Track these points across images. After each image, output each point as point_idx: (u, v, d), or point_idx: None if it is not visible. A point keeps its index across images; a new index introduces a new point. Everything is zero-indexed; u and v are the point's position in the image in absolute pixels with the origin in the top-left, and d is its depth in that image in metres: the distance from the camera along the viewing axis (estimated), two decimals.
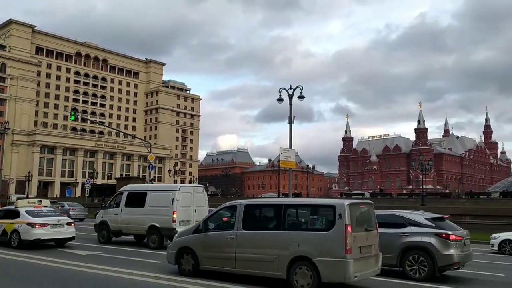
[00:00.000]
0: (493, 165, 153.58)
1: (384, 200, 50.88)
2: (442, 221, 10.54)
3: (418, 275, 9.78)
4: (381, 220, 10.11)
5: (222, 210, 9.77)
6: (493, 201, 45.51)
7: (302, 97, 23.92)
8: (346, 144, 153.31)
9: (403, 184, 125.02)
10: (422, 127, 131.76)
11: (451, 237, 9.85)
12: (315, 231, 8.29)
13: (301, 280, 7.98)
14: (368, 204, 9.09)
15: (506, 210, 34.65)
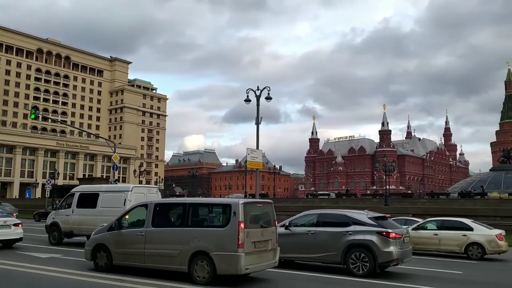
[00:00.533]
0: (453, 166, 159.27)
1: (349, 201, 51.79)
2: (384, 220, 11.10)
3: (360, 271, 10.22)
4: (327, 219, 11.29)
5: (135, 208, 10.34)
6: (452, 201, 47.11)
7: (269, 98, 23.98)
8: (313, 145, 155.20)
9: (368, 185, 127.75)
10: (386, 129, 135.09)
11: (391, 235, 10.30)
12: (214, 228, 9.12)
13: (200, 272, 8.71)
14: (266, 203, 10.02)
15: (464, 210, 35.92)
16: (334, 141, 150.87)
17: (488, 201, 44.65)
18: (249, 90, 24.16)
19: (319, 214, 11.76)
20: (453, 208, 37.77)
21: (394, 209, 38.29)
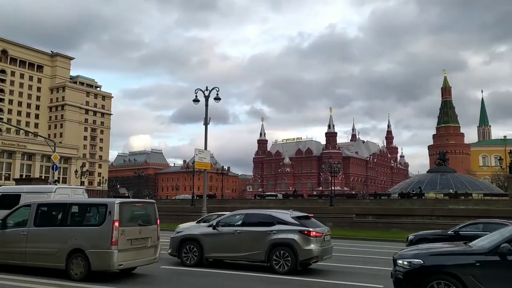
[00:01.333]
0: (394, 168, 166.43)
1: (295, 201, 52.65)
2: (307, 219, 11.63)
3: (282, 269, 10.65)
4: (254, 219, 11.70)
5: (20, 209, 10.71)
6: (392, 201, 49.25)
7: (218, 99, 23.86)
8: (261, 146, 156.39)
9: (314, 186, 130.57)
10: (332, 131, 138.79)
11: (312, 233, 10.84)
12: (90, 226, 9.63)
13: (76, 269, 9.18)
14: (147, 203, 10.72)
15: (403, 209, 37.61)
16: (282, 142, 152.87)
17: (425, 201, 47.14)
18: (198, 90, 23.92)
19: (246, 214, 12.07)
20: (393, 208, 39.45)
21: (339, 209, 39.41)
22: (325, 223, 13.28)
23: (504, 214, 32.22)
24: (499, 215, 32.94)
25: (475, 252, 7.33)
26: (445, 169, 71.21)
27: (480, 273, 6.97)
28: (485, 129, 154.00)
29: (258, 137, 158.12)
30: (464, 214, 34.38)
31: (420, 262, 7.38)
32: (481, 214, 33.87)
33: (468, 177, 73.56)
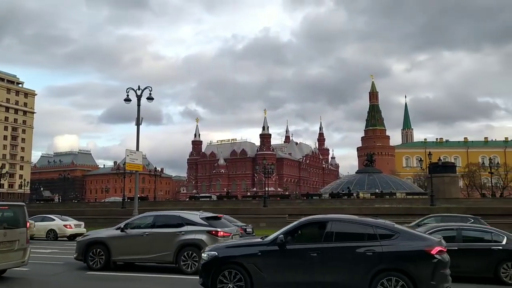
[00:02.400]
0: (325, 169, 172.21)
1: (229, 203, 52.59)
2: (216, 220, 12.04)
3: (190, 269, 10.95)
4: (163, 220, 11.81)
5: None
6: (323, 201, 50.81)
7: (151, 99, 23.30)
8: (196, 147, 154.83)
9: (248, 187, 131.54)
10: (266, 133, 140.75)
11: (219, 233, 11.23)
12: None
13: None
14: (14, 206, 10.85)
15: (334, 209, 38.90)
16: (217, 143, 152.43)
17: (354, 200, 49.16)
18: (130, 89, 23.23)
19: (155, 216, 12.18)
20: (324, 208, 40.69)
21: (273, 210, 39.98)
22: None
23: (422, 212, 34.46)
24: (419, 212, 35.23)
25: (260, 243, 8.26)
26: (372, 170, 74.83)
27: (260, 261, 7.96)
28: (408, 132, 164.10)
29: (193, 138, 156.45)
30: (389, 212, 36.34)
31: (215, 254, 8.22)
32: (404, 212, 36.08)
33: (392, 178, 77.89)
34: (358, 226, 8.08)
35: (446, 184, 46.35)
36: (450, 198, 43.61)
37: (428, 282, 7.39)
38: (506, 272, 10.94)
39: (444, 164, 49.58)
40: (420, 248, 7.55)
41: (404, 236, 7.75)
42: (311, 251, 7.82)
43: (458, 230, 11.92)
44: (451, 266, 11.30)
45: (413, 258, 7.49)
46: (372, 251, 7.57)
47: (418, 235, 8.02)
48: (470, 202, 43.79)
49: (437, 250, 7.59)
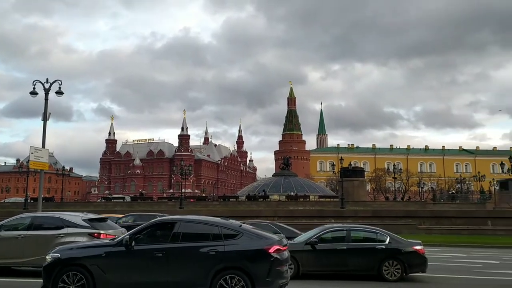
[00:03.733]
0: (243, 171, 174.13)
1: (144, 204, 51.07)
2: (101, 222, 11.89)
3: None
4: (42, 222, 11.45)
5: None
6: (240, 203, 51.27)
7: (60, 93, 21.83)
8: (110, 146, 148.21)
9: (165, 188, 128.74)
10: (185, 134, 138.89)
11: (102, 236, 11.05)
12: None
13: None
14: None
15: (250, 211, 39.45)
16: (133, 143, 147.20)
17: (269, 203, 50.20)
18: (37, 82, 21.60)
19: (33, 217, 11.74)
20: (240, 210, 41.10)
21: (188, 212, 39.43)
22: None
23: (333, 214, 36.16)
24: (330, 214, 36.95)
25: (107, 245, 8.43)
26: (288, 173, 77.05)
27: (105, 262, 8.02)
28: (322, 137, 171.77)
29: (107, 137, 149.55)
30: (303, 214, 37.71)
31: (57, 256, 8.21)
32: (317, 214, 37.64)
33: (307, 181, 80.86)
34: (204, 227, 8.36)
35: (355, 187, 49.14)
36: (358, 201, 46.30)
37: (264, 279, 7.81)
38: (387, 269, 11.95)
39: (354, 168, 52.51)
40: (260, 247, 8.00)
41: (248, 235, 8.15)
42: (156, 251, 7.97)
43: (348, 231, 12.86)
44: (341, 265, 12.26)
45: (252, 257, 7.94)
46: (215, 250, 7.93)
47: (261, 234, 8.36)
48: (375, 205, 46.95)
49: (275, 249, 8.01)
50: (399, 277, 11.90)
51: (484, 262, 17.01)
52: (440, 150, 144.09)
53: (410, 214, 36.11)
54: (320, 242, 12.47)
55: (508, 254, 20.10)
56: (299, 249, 12.22)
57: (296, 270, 11.93)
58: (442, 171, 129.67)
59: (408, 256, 12.17)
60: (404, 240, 12.88)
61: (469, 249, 22.75)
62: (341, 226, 13.81)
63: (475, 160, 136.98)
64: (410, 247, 12.37)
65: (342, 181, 44.24)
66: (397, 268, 11.96)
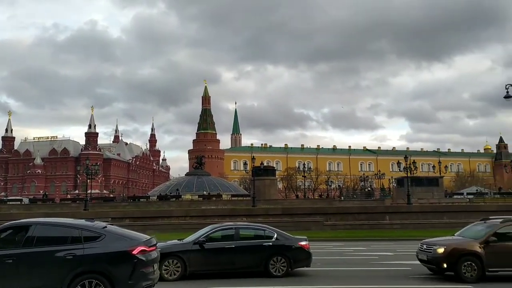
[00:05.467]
0: (156, 170, 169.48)
1: (44, 206, 47.41)
2: None
3: None
4: None
5: None
6: (151, 204, 49.75)
7: None
8: (7, 144, 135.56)
9: (70, 189, 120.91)
10: (93, 131, 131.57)
11: None
12: None
13: None
14: None
15: (161, 211, 38.41)
16: (33, 141, 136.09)
17: (182, 202, 49.37)
18: None
19: None
20: (151, 210, 39.89)
21: (94, 214, 37.25)
22: None
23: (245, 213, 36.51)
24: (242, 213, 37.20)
25: None
26: (202, 172, 76.53)
27: None
28: (237, 137, 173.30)
29: (3, 134, 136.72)
30: (215, 213, 37.53)
31: None
32: (229, 213, 37.62)
33: (220, 180, 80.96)
34: (63, 230, 8.02)
35: (266, 186, 50.14)
36: (269, 199, 47.29)
37: (126, 282, 7.63)
38: (274, 265, 12.38)
39: (266, 168, 53.64)
40: (122, 248, 7.81)
41: (111, 237, 7.92)
42: (6, 257, 7.54)
43: (236, 229, 13.05)
44: (229, 263, 12.33)
45: (114, 259, 7.73)
46: (73, 254, 7.63)
47: (127, 235, 8.21)
48: (286, 203, 48.33)
49: (139, 250, 7.85)
50: (285, 272, 12.34)
51: (380, 254, 18.14)
52: (347, 150, 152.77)
53: (318, 211, 37.57)
54: (208, 241, 12.45)
55: (402, 246, 21.67)
56: (187, 249, 12.14)
57: (183, 270, 11.83)
58: (349, 169, 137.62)
59: (294, 252, 12.66)
60: (291, 236, 13.35)
61: (369, 243, 24.22)
62: (230, 224, 13.91)
63: (377, 160, 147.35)
64: (296, 243, 12.85)
65: (254, 180, 44.85)
66: (283, 263, 12.40)
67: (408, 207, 38.16)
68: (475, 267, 11.43)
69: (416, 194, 45.40)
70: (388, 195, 68.98)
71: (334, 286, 11.47)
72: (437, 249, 11.88)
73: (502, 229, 11.99)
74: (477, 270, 11.43)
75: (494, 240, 11.65)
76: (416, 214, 35.32)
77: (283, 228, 30.15)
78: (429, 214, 35.21)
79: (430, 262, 12.19)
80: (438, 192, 49.58)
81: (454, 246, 11.88)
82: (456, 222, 26.56)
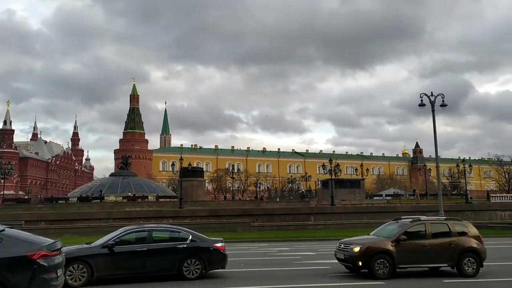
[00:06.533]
0: (78, 171, 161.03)
1: None
2: None
3: None
4: None
5: None
6: (70, 206, 47.06)
7: None
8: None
9: None
10: (8, 128, 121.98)
11: None
12: None
13: None
14: None
15: (81, 213, 36.44)
16: None
17: (104, 204, 47.24)
18: None
19: None
20: (70, 213, 37.68)
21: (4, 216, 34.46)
22: None
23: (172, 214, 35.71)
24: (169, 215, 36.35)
25: None
26: (127, 173, 73.84)
27: None
28: (166, 137, 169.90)
29: None
30: (139, 215, 36.33)
31: None
32: (154, 214, 36.61)
33: (147, 181, 78.70)
34: None
35: (194, 187, 49.56)
36: (197, 200, 46.76)
37: None
38: (187, 268, 12.12)
39: (194, 169, 53.05)
40: (21, 253, 7.36)
41: (9, 241, 7.44)
42: None
43: (150, 231, 12.60)
44: (140, 267, 11.90)
45: (11, 265, 7.24)
46: None
47: (27, 239, 7.77)
48: (213, 204, 48.05)
49: (40, 255, 7.41)
50: (199, 274, 12.13)
51: (303, 254, 18.53)
52: (276, 152, 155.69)
53: (246, 212, 37.75)
54: (119, 244, 11.95)
55: (324, 246, 22.32)
56: (95, 253, 11.57)
57: (90, 275, 11.26)
58: (277, 171, 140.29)
59: (209, 253, 12.48)
60: (207, 238, 13.13)
61: (293, 243, 24.71)
62: (143, 227, 13.37)
63: (304, 162, 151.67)
64: (212, 245, 12.66)
65: (181, 181, 44.10)
66: (197, 266, 12.17)
67: (331, 208, 39.58)
68: (387, 264, 12.01)
69: (340, 196, 47.26)
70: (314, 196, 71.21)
71: (249, 287, 11.43)
72: (353, 248, 12.33)
73: (411, 228, 12.75)
74: (389, 267, 12.01)
75: (404, 238, 12.34)
76: (339, 215, 36.72)
77: (209, 229, 29.98)
78: (351, 215, 36.75)
79: (347, 261, 12.62)
80: (359, 194, 52.02)
81: (368, 245, 12.41)
82: (374, 222, 27.91)
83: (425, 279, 12.27)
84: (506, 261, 15.63)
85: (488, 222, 34.96)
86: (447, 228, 12.90)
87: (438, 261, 12.61)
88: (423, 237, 12.57)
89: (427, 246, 12.41)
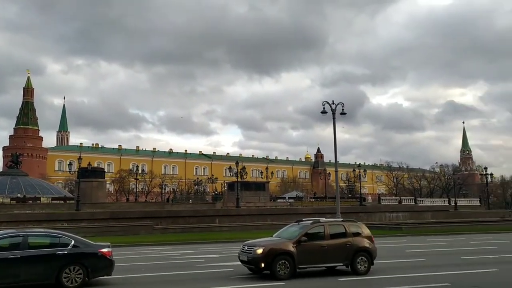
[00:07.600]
0: None
1: None
2: None
3: None
4: None
5: None
6: None
7: None
8: None
9: None
10: None
11: None
12: None
13: None
14: None
15: None
16: None
17: None
18: None
19: None
20: None
21: None
22: None
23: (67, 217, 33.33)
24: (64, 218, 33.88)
25: None
26: (17, 172, 67.62)
27: None
28: (64, 135, 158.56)
29: None
30: (30, 218, 33.41)
31: None
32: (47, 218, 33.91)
33: (40, 181, 72.74)
34: None
35: (94, 188, 46.81)
36: (96, 202, 44.24)
37: None
38: (68, 276, 11.13)
39: (94, 169, 50.03)
40: None
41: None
42: None
43: (25, 237, 11.44)
44: (11, 276, 10.82)
45: None
46: None
47: None
48: (114, 206, 45.84)
49: None
50: (80, 283, 11.21)
51: (206, 257, 18.40)
52: (183, 154, 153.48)
53: (149, 215, 36.61)
54: None
55: (228, 248, 22.39)
56: None
57: None
58: (184, 173, 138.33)
59: (93, 260, 11.63)
60: (92, 243, 12.27)
61: (198, 246, 24.46)
62: (17, 231, 12.13)
63: (211, 164, 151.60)
64: (97, 250, 11.83)
65: (79, 182, 41.36)
66: (79, 273, 11.22)
67: (237, 210, 39.97)
68: (288, 265, 12.36)
69: (245, 198, 47.95)
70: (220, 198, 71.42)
71: None
72: (256, 250, 12.48)
73: (312, 229, 13.29)
74: (290, 268, 12.37)
75: (305, 240, 12.80)
76: (244, 217, 37.21)
77: (110, 233, 28.51)
78: (255, 217, 37.47)
79: (250, 263, 12.74)
80: (264, 196, 53.31)
81: (271, 246, 12.66)
82: (278, 224, 28.72)
83: (323, 278, 12.83)
84: (394, 259, 16.97)
85: (378, 223, 37.95)
86: (344, 229, 13.67)
87: (335, 260, 13.29)
88: (322, 238, 13.17)
89: (325, 246, 13.02)
